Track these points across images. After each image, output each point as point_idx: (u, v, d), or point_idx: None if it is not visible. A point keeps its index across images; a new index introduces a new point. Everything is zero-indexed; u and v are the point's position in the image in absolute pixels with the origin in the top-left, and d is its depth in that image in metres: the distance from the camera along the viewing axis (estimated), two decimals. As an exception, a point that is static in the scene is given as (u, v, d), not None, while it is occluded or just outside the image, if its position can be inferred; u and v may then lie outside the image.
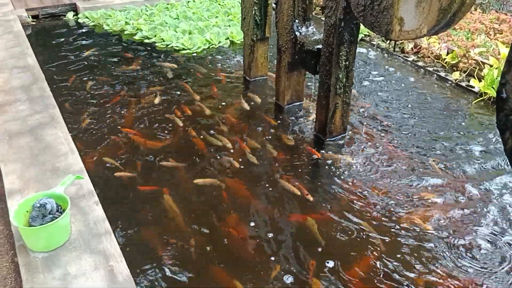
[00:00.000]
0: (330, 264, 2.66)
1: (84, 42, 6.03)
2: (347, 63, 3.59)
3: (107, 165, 3.48)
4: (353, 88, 4.27)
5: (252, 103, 4.55)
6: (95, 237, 2.38)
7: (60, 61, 5.38)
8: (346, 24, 3.40)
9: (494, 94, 4.40)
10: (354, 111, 4.33)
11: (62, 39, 6.06)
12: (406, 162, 3.61)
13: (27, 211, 2.36)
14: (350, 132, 4.00)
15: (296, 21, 3.98)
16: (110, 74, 5.09)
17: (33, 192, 2.63)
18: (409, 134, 4.01)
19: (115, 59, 5.49)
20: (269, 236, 2.87)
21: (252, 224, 2.97)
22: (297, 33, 3.99)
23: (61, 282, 2.14)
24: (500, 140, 1.92)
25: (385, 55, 5.72)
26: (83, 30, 6.46)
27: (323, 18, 3.58)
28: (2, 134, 3.26)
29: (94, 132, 3.93)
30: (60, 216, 2.31)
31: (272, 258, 2.70)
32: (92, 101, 4.47)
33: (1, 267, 2.40)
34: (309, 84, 4.71)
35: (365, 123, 4.16)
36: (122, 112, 4.27)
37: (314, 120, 4.05)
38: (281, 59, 4.26)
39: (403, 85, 4.96)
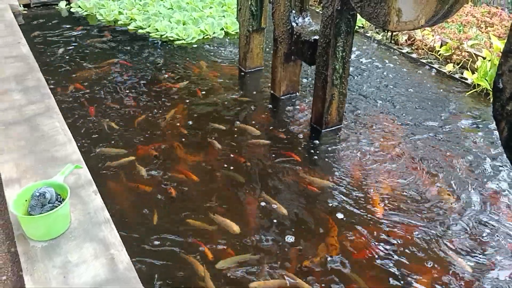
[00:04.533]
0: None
1: (75, 32, 5.99)
2: (343, 54, 3.61)
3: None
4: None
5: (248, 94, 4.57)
6: (95, 226, 2.38)
7: (52, 51, 5.35)
8: (343, 15, 3.41)
9: (487, 86, 4.45)
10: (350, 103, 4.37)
11: (54, 29, 6.00)
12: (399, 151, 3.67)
13: (26, 200, 2.35)
14: (345, 122, 4.03)
15: (293, 11, 3.98)
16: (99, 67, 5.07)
17: (31, 181, 2.61)
18: (403, 125, 4.05)
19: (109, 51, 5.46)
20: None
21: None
22: (293, 23, 3.99)
23: (62, 270, 2.14)
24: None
25: (380, 46, 5.74)
26: (76, 20, 6.40)
27: (318, 10, 3.58)
28: (-2, 123, 3.22)
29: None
30: (59, 205, 2.30)
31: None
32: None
33: (-2, 257, 2.40)
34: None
35: (360, 116, 4.19)
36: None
37: (311, 111, 4.07)
38: (277, 49, 4.26)
39: (397, 76, 4.99)
